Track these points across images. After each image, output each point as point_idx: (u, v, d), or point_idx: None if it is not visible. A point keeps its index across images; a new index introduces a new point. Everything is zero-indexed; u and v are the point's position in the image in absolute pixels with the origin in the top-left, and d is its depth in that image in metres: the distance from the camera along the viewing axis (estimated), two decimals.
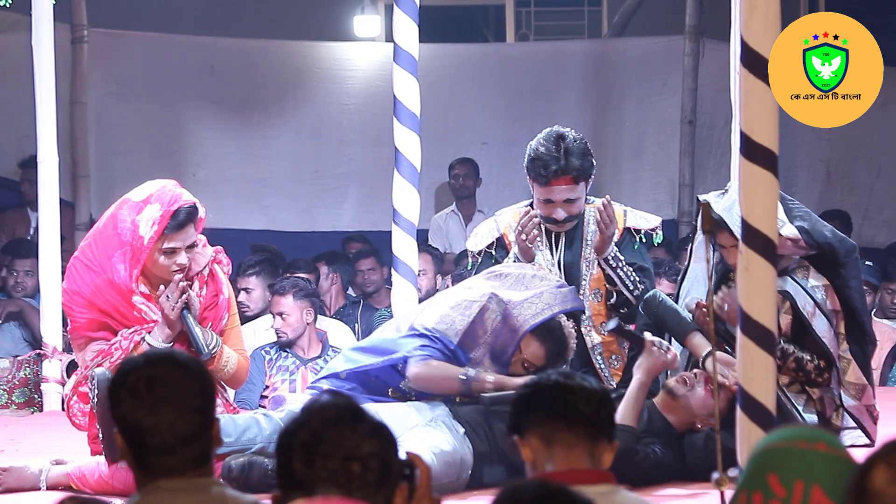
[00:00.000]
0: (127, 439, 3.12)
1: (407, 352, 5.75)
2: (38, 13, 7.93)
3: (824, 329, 5.62)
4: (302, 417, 2.77)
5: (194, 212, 5.68)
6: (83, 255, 5.72)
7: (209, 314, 5.76)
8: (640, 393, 5.58)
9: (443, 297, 6.07)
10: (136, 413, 3.09)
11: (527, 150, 6.15)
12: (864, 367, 5.74)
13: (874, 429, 5.75)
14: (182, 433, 3.08)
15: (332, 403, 2.79)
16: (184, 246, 5.64)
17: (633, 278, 6.09)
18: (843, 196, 11.82)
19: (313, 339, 7.90)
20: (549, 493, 2.50)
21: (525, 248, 6.09)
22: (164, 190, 5.69)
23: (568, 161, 6.03)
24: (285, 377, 7.84)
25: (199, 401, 3.12)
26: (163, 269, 5.64)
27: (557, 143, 6.06)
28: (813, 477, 2.47)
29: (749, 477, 2.53)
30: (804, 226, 5.66)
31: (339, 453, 2.71)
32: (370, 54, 12.02)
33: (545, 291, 5.87)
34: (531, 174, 6.10)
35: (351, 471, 2.70)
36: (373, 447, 2.72)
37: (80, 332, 5.71)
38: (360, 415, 2.77)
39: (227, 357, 5.76)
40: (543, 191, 6.09)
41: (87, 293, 5.66)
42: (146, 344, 5.61)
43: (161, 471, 3.10)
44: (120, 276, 5.62)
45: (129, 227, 5.62)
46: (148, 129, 11.59)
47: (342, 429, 2.73)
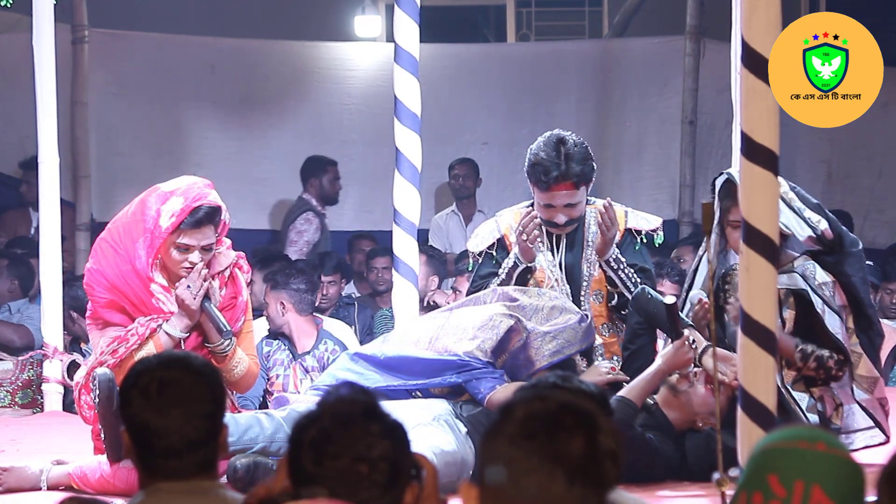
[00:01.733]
0: (134, 439, 3.12)
1: (472, 386, 5.73)
2: (38, 13, 7.93)
3: (836, 325, 5.62)
4: (315, 412, 2.75)
5: (215, 213, 5.69)
6: (110, 236, 5.75)
7: (226, 315, 5.76)
8: (654, 378, 5.59)
9: (464, 316, 5.99)
10: (144, 414, 3.09)
11: (527, 154, 6.14)
12: (875, 359, 5.75)
13: (884, 417, 5.75)
14: (189, 438, 3.08)
15: (347, 399, 2.76)
16: (198, 245, 5.65)
17: (634, 280, 6.09)
18: (844, 197, 11.82)
19: (300, 333, 7.93)
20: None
21: (525, 249, 6.09)
22: (193, 186, 5.72)
23: (568, 167, 6.02)
24: (280, 372, 7.91)
25: (210, 407, 3.12)
26: (175, 264, 5.66)
27: (558, 149, 6.05)
28: (813, 477, 2.47)
29: (749, 477, 2.53)
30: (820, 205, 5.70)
31: (348, 454, 2.69)
32: (371, 54, 12.02)
33: (567, 328, 5.88)
34: (532, 179, 6.10)
35: (359, 472, 2.69)
36: (383, 450, 2.70)
37: (98, 312, 5.72)
38: (373, 414, 2.74)
39: (238, 359, 5.78)
40: (544, 196, 6.08)
41: (110, 275, 5.69)
42: (163, 332, 5.63)
43: (165, 473, 3.09)
44: (141, 263, 5.65)
45: (153, 216, 5.65)
46: (149, 129, 11.60)
47: (353, 429, 2.71)
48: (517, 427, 2.41)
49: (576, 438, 2.40)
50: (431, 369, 5.80)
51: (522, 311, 5.92)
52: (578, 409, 2.44)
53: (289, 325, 7.93)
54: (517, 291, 6.02)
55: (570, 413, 2.43)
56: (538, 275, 6.16)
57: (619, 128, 11.90)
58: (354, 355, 6.08)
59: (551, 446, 2.39)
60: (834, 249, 5.70)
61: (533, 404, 2.44)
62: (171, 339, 5.64)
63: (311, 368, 7.84)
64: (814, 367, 5.61)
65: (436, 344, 5.85)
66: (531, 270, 6.14)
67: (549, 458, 2.38)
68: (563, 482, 2.38)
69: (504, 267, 6.18)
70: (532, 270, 6.14)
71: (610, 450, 2.43)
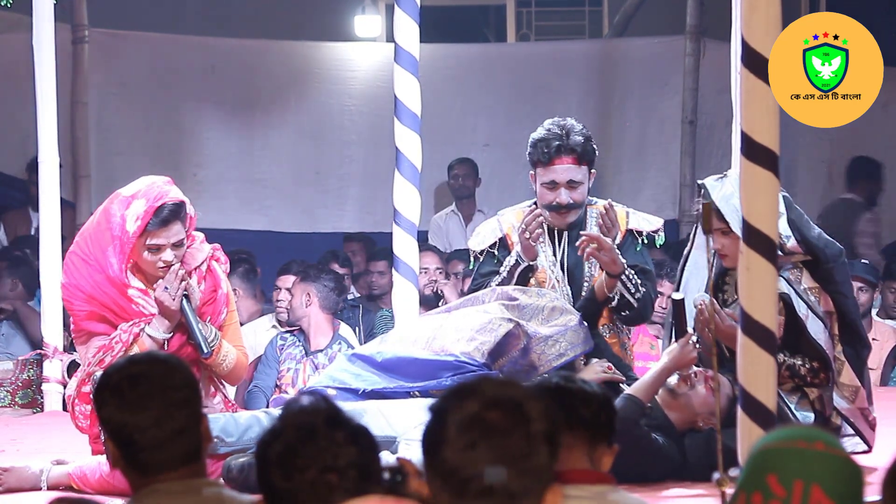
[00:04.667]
0: (116, 442, 3.11)
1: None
2: (39, 13, 7.93)
3: (819, 331, 5.60)
4: (277, 427, 2.76)
5: (179, 209, 5.68)
6: (79, 249, 5.74)
7: (208, 309, 5.77)
8: (661, 376, 5.59)
9: (462, 318, 5.98)
10: (121, 413, 3.09)
11: (528, 142, 6.19)
12: (858, 370, 5.72)
13: (871, 434, 5.71)
14: (169, 427, 3.08)
15: (308, 410, 2.77)
16: (168, 243, 5.65)
17: (634, 281, 6.08)
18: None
19: (318, 330, 7.99)
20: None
21: (528, 246, 6.08)
22: (153, 186, 5.70)
23: (570, 138, 6.09)
24: (291, 366, 7.96)
25: (184, 393, 3.12)
26: (150, 266, 5.66)
27: (559, 125, 6.15)
28: (812, 476, 2.47)
29: (747, 478, 2.53)
30: (796, 221, 5.65)
31: (316, 465, 2.70)
32: (371, 54, 12.03)
33: (568, 329, 5.88)
34: (533, 158, 6.14)
35: (329, 482, 2.69)
36: (350, 456, 2.70)
37: (81, 325, 5.73)
38: (336, 422, 2.75)
39: (225, 352, 5.78)
40: (546, 172, 6.10)
41: (86, 287, 5.68)
42: (146, 336, 5.63)
43: (153, 468, 3.09)
44: (114, 270, 5.65)
45: (119, 222, 5.65)
46: (149, 129, 11.60)
47: (318, 440, 2.71)
48: (456, 437, 2.44)
49: (512, 438, 2.44)
50: (428, 370, 5.79)
51: (522, 310, 5.91)
52: (506, 403, 2.46)
53: (308, 319, 8.00)
54: (517, 291, 6.02)
55: (499, 410, 2.45)
56: (539, 274, 6.16)
57: (619, 128, 11.90)
58: (352, 356, 6.07)
59: (492, 452, 2.43)
60: (818, 267, 5.67)
61: (464, 407, 2.47)
62: (155, 342, 5.64)
63: (322, 366, 7.88)
64: (788, 377, 5.60)
65: (433, 344, 5.85)
66: (533, 269, 6.13)
67: (492, 461, 2.43)
68: (507, 475, 2.44)
69: (506, 265, 6.17)
70: (534, 269, 6.14)
71: (544, 435, 2.46)
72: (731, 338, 5.01)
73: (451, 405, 2.47)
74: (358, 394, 5.80)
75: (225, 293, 5.84)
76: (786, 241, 5.54)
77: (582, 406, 3.32)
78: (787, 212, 5.58)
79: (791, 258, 5.64)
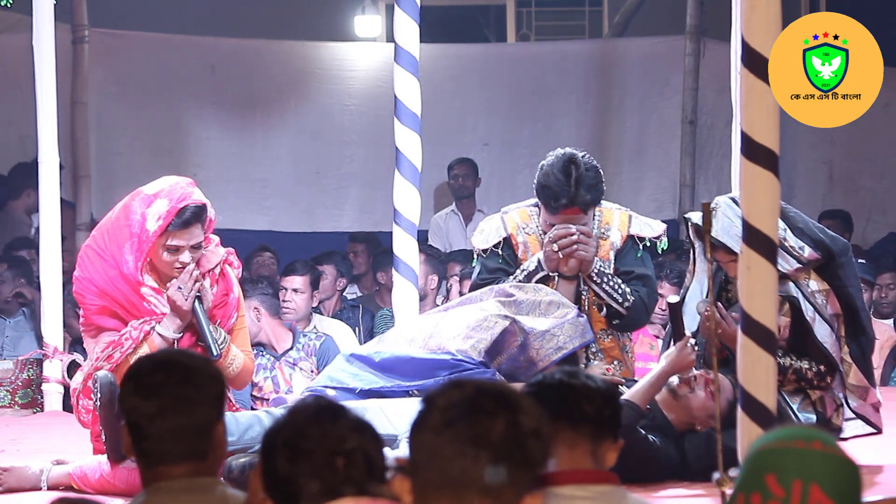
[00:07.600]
0: (127, 425, 3.14)
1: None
2: (38, 13, 7.93)
3: (825, 334, 5.60)
4: (285, 418, 2.78)
5: (201, 212, 5.67)
6: (95, 243, 5.73)
7: (219, 312, 5.77)
8: (659, 380, 5.58)
9: (459, 316, 5.97)
10: (134, 397, 3.14)
11: (538, 171, 6.10)
12: (865, 369, 5.73)
13: (877, 416, 5.72)
14: (175, 420, 3.10)
15: (314, 403, 2.80)
16: (188, 245, 5.64)
17: (620, 290, 6.08)
18: (845, 198, 11.81)
19: (278, 337, 8.01)
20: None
21: (552, 258, 6.07)
22: (176, 186, 5.69)
23: (577, 193, 5.99)
24: (267, 375, 7.97)
25: (202, 393, 3.14)
26: (166, 266, 5.65)
27: (568, 171, 5.99)
28: (811, 476, 2.47)
29: (746, 478, 2.53)
30: (803, 229, 5.64)
31: (323, 448, 2.70)
32: (371, 54, 12.03)
33: (566, 323, 5.87)
34: (541, 199, 6.09)
35: (335, 466, 2.69)
36: (356, 442, 2.72)
37: (91, 319, 5.72)
38: (342, 412, 2.77)
39: (233, 356, 5.77)
40: (551, 217, 6.09)
41: (99, 282, 5.67)
42: (156, 334, 5.63)
43: (154, 458, 3.10)
44: (128, 268, 5.64)
45: (138, 220, 5.63)
46: (149, 129, 11.60)
47: (325, 425, 2.73)
48: (438, 416, 2.48)
49: (496, 421, 2.47)
50: (425, 369, 5.79)
51: (519, 306, 5.91)
52: (496, 392, 2.51)
53: (265, 331, 8.01)
54: (513, 287, 6.02)
55: (487, 397, 2.49)
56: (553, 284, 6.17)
57: (619, 128, 11.90)
58: (350, 356, 6.07)
59: (472, 431, 2.46)
60: (827, 264, 5.67)
61: (452, 393, 2.51)
62: (165, 341, 5.63)
63: (297, 360, 7.92)
64: (794, 380, 5.60)
65: (430, 342, 5.84)
66: (550, 279, 6.14)
67: (471, 443, 2.46)
68: (488, 465, 2.45)
69: (524, 268, 6.16)
70: (551, 279, 6.14)
71: (532, 429, 2.49)
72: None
73: (437, 394, 2.51)
74: (356, 393, 5.80)
75: (236, 297, 5.84)
76: (801, 253, 5.55)
77: (585, 402, 3.31)
78: (787, 222, 5.58)
79: (809, 267, 5.63)
